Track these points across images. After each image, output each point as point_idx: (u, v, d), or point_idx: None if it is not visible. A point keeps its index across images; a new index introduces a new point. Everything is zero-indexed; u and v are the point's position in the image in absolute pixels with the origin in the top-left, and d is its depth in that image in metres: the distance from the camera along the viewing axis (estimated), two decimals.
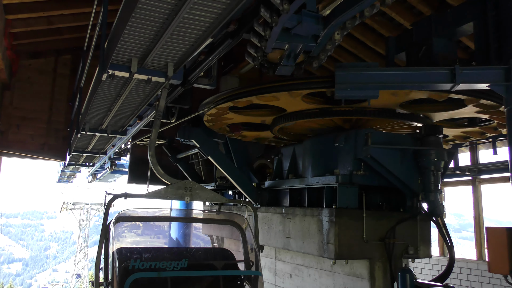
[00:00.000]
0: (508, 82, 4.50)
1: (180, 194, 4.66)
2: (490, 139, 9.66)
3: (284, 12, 3.77)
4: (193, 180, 4.96)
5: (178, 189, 4.65)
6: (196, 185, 4.84)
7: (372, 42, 10.45)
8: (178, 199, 4.77)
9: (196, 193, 4.74)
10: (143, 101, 6.14)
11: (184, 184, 4.75)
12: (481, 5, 5.19)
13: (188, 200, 4.70)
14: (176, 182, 4.74)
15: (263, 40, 4.47)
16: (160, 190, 4.61)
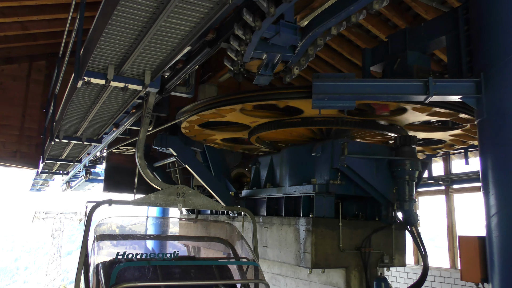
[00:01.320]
0: (479, 95, 4.63)
1: (172, 200, 4.32)
2: (462, 150, 9.90)
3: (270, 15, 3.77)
4: None
5: (170, 195, 4.31)
6: (189, 190, 4.48)
7: (348, 53, 10.62)
8: (170, 206, 4.41)
9: (189, 199, 4.41)
10: (120, 108, 6.06)
11: (176, 190, 4.39)
12: (453, 20, 5.34)
13: (180, 207, 4.37)
14: (168, 187, 4.37)
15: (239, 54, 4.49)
16: (149, 196, 4.28)
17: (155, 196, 4.26)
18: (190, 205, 4.39)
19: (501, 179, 4.37)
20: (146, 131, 4.60)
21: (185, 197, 4.36)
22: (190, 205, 4.40)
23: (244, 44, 4.25)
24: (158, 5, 3.22)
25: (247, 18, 3.77)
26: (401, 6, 9.13)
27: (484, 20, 4.72)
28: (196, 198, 4.42)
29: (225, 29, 4.58)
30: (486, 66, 4.61)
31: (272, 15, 3.56)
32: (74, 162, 11.00)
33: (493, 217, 4.42)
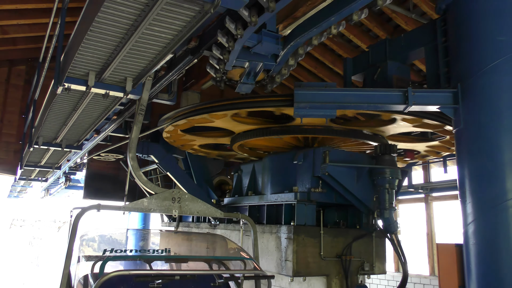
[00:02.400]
0: (456, 105, 4.73)
1: (167, 206, 3.97)
2: (441, 159, 10.07)
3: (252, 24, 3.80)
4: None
5: (164, 200, 3.96)
6: (186, 195, 4.12)
7: (331, 62, 10.75)
8: (164, 212, 4.03)
9: (185, 204, 4.05)
10: (101, 115, 6.01)
11: (171, 194, 4.04)
12: (432, 32, 5.45)
13: (176, 213, 3.99)
14: (162, 191, 4.02)
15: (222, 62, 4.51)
16: (142, 201, 3.94)
17: (149, 201, 3.94)
18: (187, 211, 4.06)
19: (477, 188, 4.46)
20: (140, 129, 4.28)
21: (181, 202, 4.03)
22: (186, 211, 4.06)
23: (226, 52, 4.27)
24: (140, 13, 3.22)
25: (230, 26, 3.79)
26: (381, 17, 9.30)
27: (460, 33, 4.83)
28: (193, 203, 4.10)
29: (208, 36, 4.59)
30: (462, 77, 4.71)
31: (254, 24, 3.58)
32: (54, 169, 10.84)
33: (470, 225, 4.50)
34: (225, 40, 3.99)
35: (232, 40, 4.09)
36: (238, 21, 3.88)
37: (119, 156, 11.47)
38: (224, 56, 4.25)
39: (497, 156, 4.38)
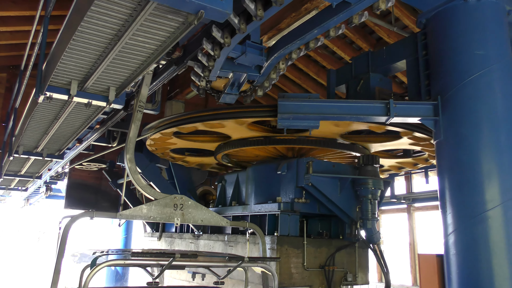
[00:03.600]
0: (437, 117, 4.82)
1: (168, 213, 3.63)
2: (423, 169, 10.20)
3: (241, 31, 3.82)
4: None
5: (165, 207, 3.63)
6: (189, 201, 3.76)
7: (315, 73, 10.87)
8: (165, 220, 3.65)
9: (188, 212, 3.72)
10: (83, 124, 5.95)
11: (173, 200, 3.69)
12: (413, 45, 5.56)
13: (178, 222, 3.64)
14: (163, 196, 3.67)
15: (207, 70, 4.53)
16: (140, 208, 3.62)
17: (148, 208, 3.60)
18: (190, 219, 3.72)
19: (457, 199, 4.53)
20: (138, 128, 3.96)
21: (183, 209, 3.68)
22: (189, 219, 3.72)
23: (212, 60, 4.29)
24: (124, 23, 3.22)
25: (216, 34, 3.81)
26: (364, 29, 9.46)
27: (440, 47, 4.94)
28: (197, 211, 3.77)
29: (192, 47, 4.61)
30: (442, 90, 4.81)
31: (242, 32, 3.62)
32: (34, 178, 10.65)
33: (450, 236, 4.56)
34: (210, 47, 4.01)
35: (218, 49, 4.11)
36: (225, 29, 3.91)
37: (102, 166, 11.36)
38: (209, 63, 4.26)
39: (476, 167, 4.47)
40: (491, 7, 4.83)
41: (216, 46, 4.02)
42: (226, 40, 3.86)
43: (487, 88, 4.60)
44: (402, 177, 12.37)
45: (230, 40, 3.88)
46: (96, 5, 2.96)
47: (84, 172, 12.37)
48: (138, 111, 3.97)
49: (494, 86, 4.63)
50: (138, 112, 3.96)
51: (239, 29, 3.63)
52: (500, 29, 4.86)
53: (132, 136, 3.87)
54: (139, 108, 3.97)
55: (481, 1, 4.77)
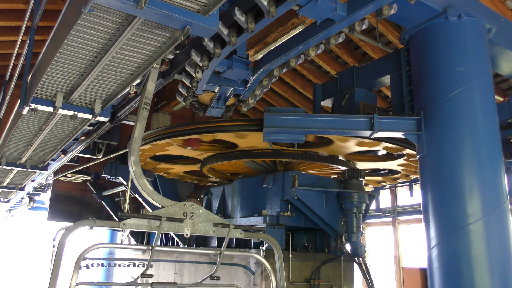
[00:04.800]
0: (420, 132, 4.90)
1: (177, 223, 3.29)
2: (407, 183, 10.32)
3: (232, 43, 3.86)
4: None
5: (174, 215, 3.31)
6: (200, 209, 3.41)
7: (301, 87, 10.97)
8: (173, 231, 3.33)
9: (199, 221, 3.35)
10: (68, 136, 5.91)
11: (182, 208, 3.33)
12: (397, 61, 5.67)
13: (188, 233, 3.31)
14: (172, 204, 3.33)
15: (195, 81, 4.55)
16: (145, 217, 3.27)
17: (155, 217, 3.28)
18: (201, 229, 3.37)
19: (440, 213, 4.59)
20: (144, 127, 3.64)
21: (194, 218, 3.33)
22: (200, 230, 3.38)
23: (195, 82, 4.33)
24: (111, 37, 3.23)
25: (195, 58, 3.86)
26: (350, 44, 9.60)
27: (423, 63, 5.05)
28: (209, 220, 3.42)
29: (180, 60, 4.64)
30: (425, 105, 4.90)
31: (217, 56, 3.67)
32: (17, 189, 10.48)
33: (434, 249, 4.61)
34: (199, 59, 4.04)
35: (207, 59, 4.15)
36: (216, 40, 3.95)
37: (87, 177, 11.26)
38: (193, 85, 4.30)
39: (458, 181, 4.54)
40: (471, 25, 4.97)
41: (205, 57, 4.05)
42: (217, 51, 3.89)
43: (468, 104, 4.70)
44: (387, 190, 12.48)
45: (220, 51, 3.91)
46: (83, 19, 2.97)
47: (68, 183, 12.24)
48: (144, 108, 3.62)
49: (475, 102, 4.74)
50: (143, 109, 3.62)
51: (213, 53, 3.67)
52: (481, 46, 5.00)
53: (137, 136, 3.52)
54: (145, 106, 3.62)
55: (462, 19, 4.90)
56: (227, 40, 3.72)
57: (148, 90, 3.60)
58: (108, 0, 2.53)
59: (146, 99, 3.61)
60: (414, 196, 10.65)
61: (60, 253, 3.01)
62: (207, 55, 4.14)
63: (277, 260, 3.73)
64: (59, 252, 3.02)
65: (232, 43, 3.72)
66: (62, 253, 3.01)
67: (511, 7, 7.93)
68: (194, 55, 4.03)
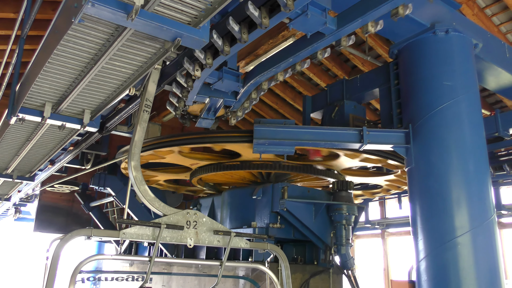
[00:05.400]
0: (408, 145, 4.94)
1: (180, 233, 3.11)
2: (396, 195, 10.37)
3: (208, 66, 3.89)
4: None
5: (176, 224, 3.13)
6: (203, 218, 3.25)
7: (291, 99, 11.03)
8: (176, 241, 3.14)
9: (203, 231, 3.20)
10: (56, 146, 5.86)
11: (185, 217, 3.17)
12: (385, 74, 5.74)
13: (192, 243, 3.16)
14: (174, 212, 3.16)
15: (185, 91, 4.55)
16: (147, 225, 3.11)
17: None
18: (205, 239, 3.21)
19: (428, 225, 4.62)
20: (145, 130, 3.49)
21: (197, 227, 3.16)
22: (204, 240, 3.21)
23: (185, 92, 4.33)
24: (101, 47, 3.23)
25: (188, 67, 3.86)
26: (340, 57, 9.71)
27: (411, 77, 5.11)
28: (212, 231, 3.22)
29: (170, 70, 4.65)
30: (413, 119, 4.95)
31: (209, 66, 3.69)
32: (3, 200, 10.32)
33: (422, 262, 4.62)
34: (184, 80, 4.05)
35: (190, 80, 4.17)
36: (208, 50, 3.96)
37: (74, 188, 11.13)
38: (183, 95, 4.30)
39: (446, 194, 4.58)
40: (458, 40, 5.05)
41: (197, 66, 4.05)
42: (208, 61, 3.91)
43: (455, 118, 4.76)
44: (376, 202, 12.52)
45: (212, 61, 3.93)
46: (74, 29, 2.97)
47: (55, 194, 12.10)
48: (145, 111, 3.48)
49: (462, 116, 4.79)
50: (144, 112, 3.48)
51: (205, 64, 3.69)
52: (467, 61, 5.08)
53: (137, 139, 3.36)
54: (146, 108, 3.48)
55: (449, 34, 4.98)
56: (220, 49, 3.73)
57: (149, 92, 3.46)
58: (98, 11, 2.53)
59: (147, 101, 3.49)
60: (403, 208, 10.70)
61: (55, 265, 2.87)
62: (199, 65, 4.16)
63: (284, 272, 3.64)
64: (54, 264, 2.87)
65: (225, 53, 3.74)
66: (57, 265, 2.87)
67: (497, 23, 8.10)
68: (186, 64, 4.04)
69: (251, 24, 3.53)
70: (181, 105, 4.88)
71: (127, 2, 2.59)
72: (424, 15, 4.93)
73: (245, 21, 3.51)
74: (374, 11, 3.67)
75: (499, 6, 7.75)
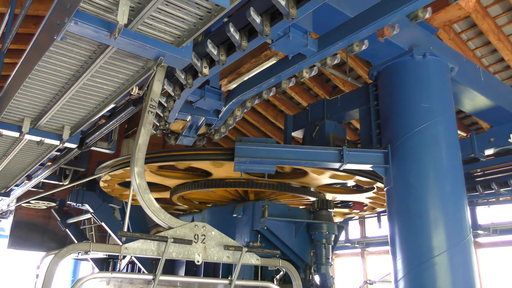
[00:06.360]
0: (387, 165, 5.02)
1: (187, 247, 2.86)
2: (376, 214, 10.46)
3: (188, 86, 3.92)
4: None
5: (184, 238, 2.87)
6: (212, 231, 3.04)
7: (273, 117, 11.12)
8: (183, 257, 2.89)
9: (211, 245, 2.96)
10: (34, 161, 5.77)
11: (192, 230, 2.92)
12: (365, 95, 5.85)
13: (200, 259, 2.91)
14: (181, 224, 2.91)
15: (166, 110, 4.56)
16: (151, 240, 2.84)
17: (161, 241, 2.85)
18: (214, 255, 2.98)
19: (406, 245, 4.67)
20: (149, 133, 3.21)
21: (206, 242, 2.92)
22: (213, 256, 2.98)
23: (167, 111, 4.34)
24: (83, 64, 3.22)
25: (168, 88, 3.88)
26: (321, 77, 9.86)
27: (390, 98, 5.23)
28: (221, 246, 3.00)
29: None
30: (392, 139, 5.04)
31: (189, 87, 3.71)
32: None
33: (400, 281, 4.65)
34: (164, 100, 4.06)
35: (179, 90, 4.17)
36: (188, 71, 3.99)
37: (51, 204, 10.91)
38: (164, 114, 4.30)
39: (424, 214, 4.64)
40: (435, 63, 5.20)
41: (177, 87, 4.07)
42: (189, 81, 3.93)
43: (432, 139, 4.87)
44: (356, 221, 12.59)
45: (192, 81, 3.95)
46: (56, 46, 2.96)
47: (31, 210, 11.83)
48: (149, 112, 3.17)
49: (439, 137, 4.91)
50: (149, 113, 3.17)
51: (186, 84, 3.71)
52: (444, 84, 5.23)
53: (141, 143, 3.06)
54: (150, 109, 3.17)
55: (427, 58, 5.13)
56: (199, 71, 3.76)
57: (154, 91, 3.15)
58: (81, 29, 2.54)
59: (152, 101, 3.16)
60: (382, 227, 10.78)
61: (49, 282, 2.59)
62: (179, 85, 4.18)
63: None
64: (47, 281, 2.60)
65: (204, 74, 3.76)
66: (51, 283, 2.60)
67: (472, 47, 8.38)
68: (166, 85, 4.05)
69: (231, 46, 3.58)
70: (162, 124, 4.88)
71: (110, 20, 2.60)
72: (403, 39, 5.07)
73: (225, 43, 3.56)
74: (354, 35, 3.76)
75: (475, 31, 8.03)
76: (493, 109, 6.35)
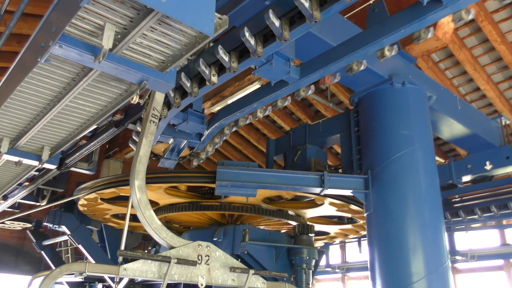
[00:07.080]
0: (367, 190, 5.08)
1: (190, 269, 2.69)
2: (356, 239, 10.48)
3: (176, 106, 3.92)
4: None
5: (188, 258, 2.71)
6: (217, 251, 2.90)
7: (255, 140, 11.17)
8: (185, 280, 2.71)
9: (216, 267, 2.78)
10: (11, 181, 5.66)
11: (196, 250, 2.77)
12: (346, 121, 5.96)
13: (203, 283, 2.73)
14: (184, 244, 2.75)
15: None
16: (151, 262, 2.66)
17: None
18: (218, 278, 2.78)
19: (385, 271, 4.69)
20: (151, 144, 3.04)
21: (210, 263, 2.77)
22: (217, 279, 2.77)
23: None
24: (66, 86, 3.22)
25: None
26: (304, 102, 10.00)
27: (370, 125, 5.33)
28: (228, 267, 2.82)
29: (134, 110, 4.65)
30: (372, 165, 5.12)
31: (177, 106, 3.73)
32: None
33: None
34: None
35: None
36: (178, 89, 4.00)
37: (27, 225, 10.62)
38: None
39: (403, 240, 4.69)
40: (414, 92, 5.35)
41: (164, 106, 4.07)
42: (177, 101, 3.95)
43: (411, 165, 4.96)
44: (337, 246, 12.59)
45: (180, 101, 3.97)
46: (39, 68, 2.96)
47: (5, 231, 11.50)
48: (152, 121, 3.02)
49: (418, 164, 5.00)
50: (151, 123, 3.01)
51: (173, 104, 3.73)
52: (422, 112, 5.36)
53: (142, 154, 2.89)
54: (153, 118, 3.02)
55: (406, 86, 5.27)
56: (189, 91, 3.78)
57: (156, 100, 3.02)
58: (65, 52, 2.54)
59: (155, 110, 3.03)
60: (363, 252, 10.80)
61: None
62: (166, 105, 4.19)
63: None
64: None
65: (194, 94, 3.79)
66: None
67: (450, 76, 8.63)
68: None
69: (221, 67, 3.61)
70: None
71: (95, 44, 2.62)
72: (382, 68, 5.21)
73: (215, 64, 3.59)
74: (334, 64, 3.85)
75: (452, 61, 8.30)
76: (470, 137, 6.53)
